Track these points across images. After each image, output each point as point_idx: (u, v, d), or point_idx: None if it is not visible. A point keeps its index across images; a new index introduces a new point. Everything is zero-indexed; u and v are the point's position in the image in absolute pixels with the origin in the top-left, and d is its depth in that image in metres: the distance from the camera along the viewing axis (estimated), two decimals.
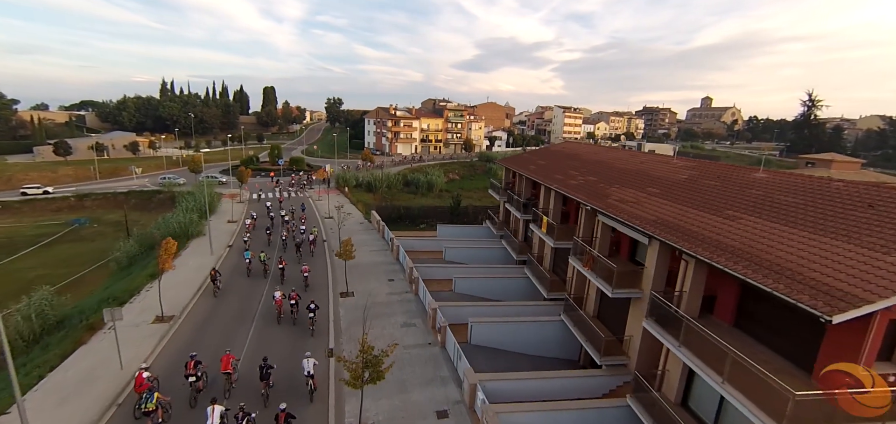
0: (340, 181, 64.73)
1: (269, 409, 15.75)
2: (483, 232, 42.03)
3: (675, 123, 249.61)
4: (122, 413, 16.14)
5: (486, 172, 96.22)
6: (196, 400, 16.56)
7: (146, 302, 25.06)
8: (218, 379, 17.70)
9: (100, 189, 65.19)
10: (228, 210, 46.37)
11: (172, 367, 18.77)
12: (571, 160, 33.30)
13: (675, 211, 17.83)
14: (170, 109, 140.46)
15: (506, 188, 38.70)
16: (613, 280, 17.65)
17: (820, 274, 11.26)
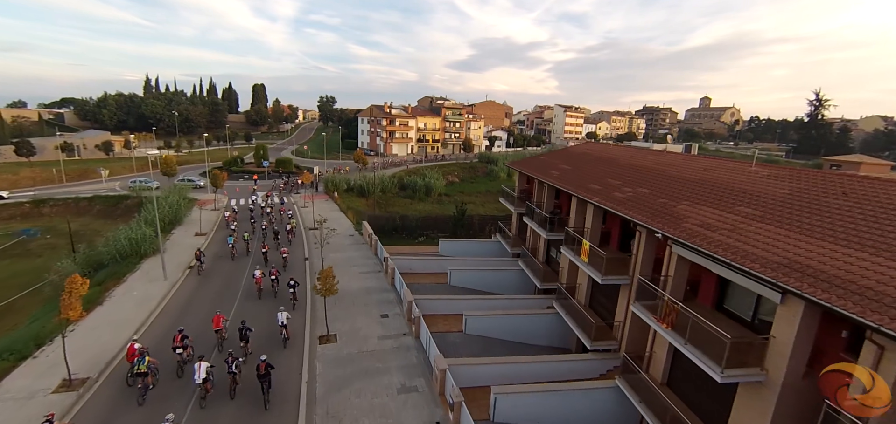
0: (330, 185, 58.56)
1: (249, 365, 17.52)
2: (493, 249, 36.14)
3: (675, 123, 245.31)
4: (115, 378, 17.51)
5: (488, 174, 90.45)
6: (182, 371, 17.81)
7: (58, 356, 18.90)
8: (205, 345, 19.64)
9: (61, 194, 58.57)
10: (199, 219, 40.08)
11: (160, 344, 19.55)
12: (605, 165, 27.46)
13: (807, 247, 11.96)
14: (153, 107, 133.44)
15: (521, 197, 32.78)
16: (724, 357, 11.69)
17: None
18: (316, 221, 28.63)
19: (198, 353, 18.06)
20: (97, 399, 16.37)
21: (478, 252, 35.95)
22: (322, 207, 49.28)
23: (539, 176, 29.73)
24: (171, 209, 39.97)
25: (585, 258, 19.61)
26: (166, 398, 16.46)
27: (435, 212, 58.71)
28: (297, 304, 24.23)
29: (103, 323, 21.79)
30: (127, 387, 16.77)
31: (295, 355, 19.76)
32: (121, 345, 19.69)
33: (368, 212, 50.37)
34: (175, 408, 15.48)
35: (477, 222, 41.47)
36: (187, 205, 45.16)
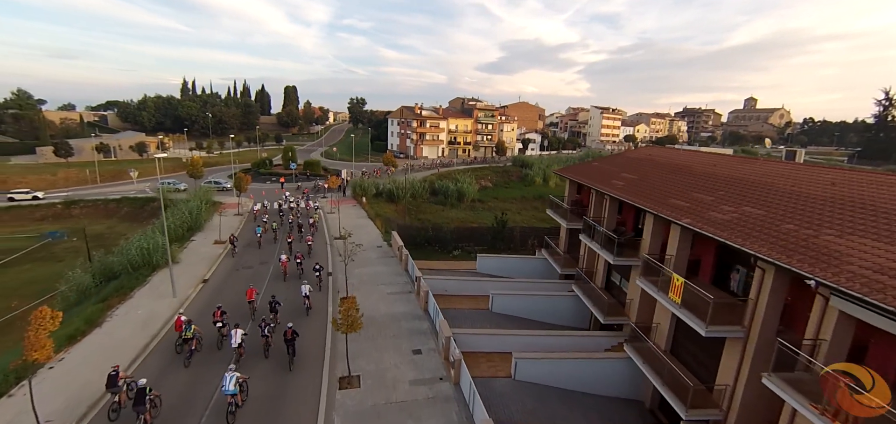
0: (358, 189, 55.60)
1: (278, 332, 19.93)
2: (539, 268, 31.84)
3: (719, 125, 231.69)
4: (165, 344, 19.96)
5: (522, 179, 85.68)
6: (222, 342, 19.62)
7: (37, 395, 16.07)
8: (239, 317, 21.58)
9: (92, 195, 58.28)
10: (219, 226, 37.67)
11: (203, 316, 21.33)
12: (681, 175, 22.75)
13: None
14: (189, 109, 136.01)
15: (574, 210, 28.34)
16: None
17: None
18: (341, 232, 25.30)
19: (235, 312, 21.83)
20: (152, 360, 18.84)
21: (521, 271, 31.73)
22: (349, 213, 46.29)
23: (599, 186, 25.26)
24: (190, 215, 37.71)
25: (677, 298, 15.13)
26: (208, 362, 18.60)
27: (468, 220, 54.79)
28: (321, 286, 26.61)
29: (96, 351, 18.98)
30: (176, 354, 19.08)
31: (317, 320, 22.79)
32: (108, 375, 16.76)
33: (398, 220, 46.94)
34: (215, 370, 17.50)
35: (518, 235, 37.17)
36: (209, 210, 43.01)
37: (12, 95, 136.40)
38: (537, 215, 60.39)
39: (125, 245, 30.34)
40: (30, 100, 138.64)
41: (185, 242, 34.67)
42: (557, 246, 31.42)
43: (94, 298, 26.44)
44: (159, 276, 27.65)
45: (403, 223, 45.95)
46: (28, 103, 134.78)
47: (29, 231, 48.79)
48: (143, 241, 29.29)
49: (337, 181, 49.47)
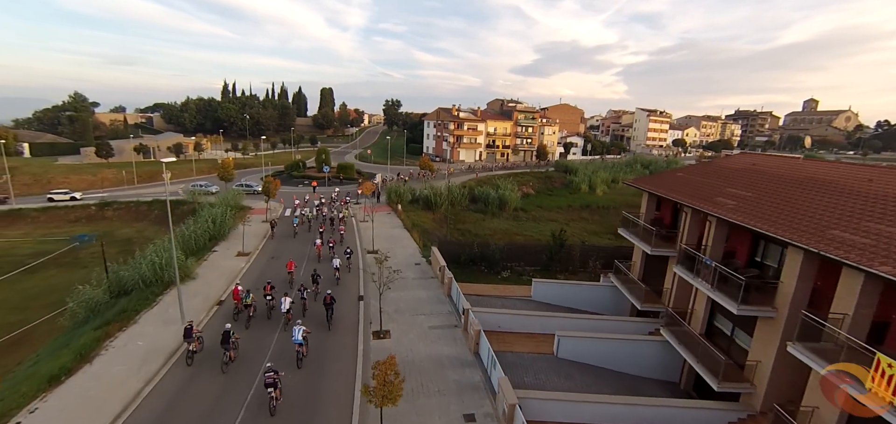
0: (393, 195, 51.70)
1: (318, 300, 23.67)
2: (606, 298, 26.56)
3: (776, 129, 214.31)
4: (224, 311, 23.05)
5: (566, 186, 79.57)
6: (271, 313, 22.52)
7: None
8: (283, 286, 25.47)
9: (125, 197, 57.37)
10: (248, 233, 34.48)
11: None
12: (817, 193, 17.00)
13: None
14: (228, 111, 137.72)
15: (660, 233, 22.85)
16: None
17: None
18: (375, 258, 21.18)
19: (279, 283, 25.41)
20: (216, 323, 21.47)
21: (585, 301, 26.51)
22: (383, 221, 42.35)
23: (699, 204, 19.75)
24: (213, 223, 34.75)
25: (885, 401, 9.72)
26: (263, 327, 21.47)
27: (512, 231, 49.74)
28: (350, 268, 29.91)
29: (77, 401, 15.51)
30: (234, 319, 21.64)
31: (347, 288, 26.71)
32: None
33: (437, 233, 42.55)
34: (268, 332, 20.87)
35: (577, 254, 31.81)
36: (235, 217, 40.10)
37: (69, 98, 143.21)
38: (587, 227, 54.59)
39: (138, 257, 27.32)
40: (84, 102, 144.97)
41: (205, 253, 31.61)
42: (630, 271, 25.98)
43: (97, 320, 23.38)
44: (171, 295, 24.35)
45: (444, 236, 41.51)
46: (82, 106, 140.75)
47: (62, 233, 47.88)
48: (155, 255, 26.17)
49: (371, 187, 45.71)
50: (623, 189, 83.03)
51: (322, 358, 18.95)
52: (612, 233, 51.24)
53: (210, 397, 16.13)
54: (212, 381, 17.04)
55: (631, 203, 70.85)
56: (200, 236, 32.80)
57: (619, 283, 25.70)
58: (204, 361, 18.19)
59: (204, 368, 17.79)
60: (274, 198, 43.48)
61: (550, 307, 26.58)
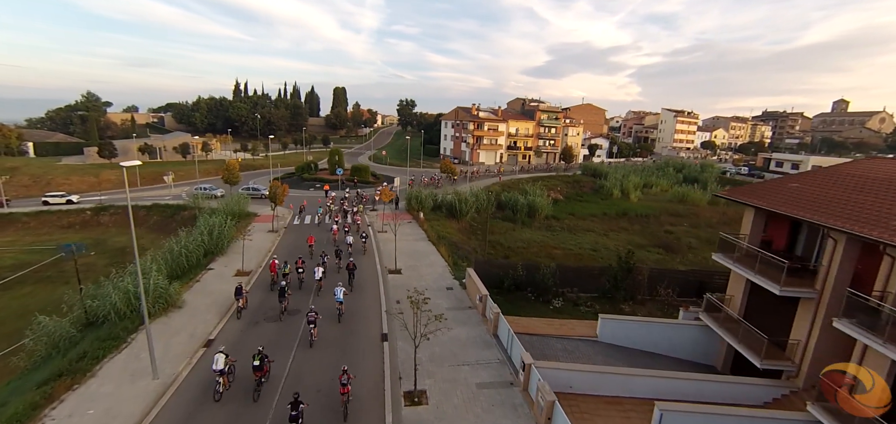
0: (413, 202, 46.42)
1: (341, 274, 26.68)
2: (693, 340, 20.86)
3: (808, 130, 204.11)
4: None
5: (596, 191, 73.55)
6: (302, 284, 25.47)
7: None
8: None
9: (124, 200, 53.04)
10: (242, 251, 29.49)
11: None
12: None
13: None
14: (239, 110, 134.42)
15: (790, 264, 16.98)
16: None
17: None
18: (413, 303, 15.60)
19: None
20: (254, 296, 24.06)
21: (667, 343, 20.86)
22: (404, 232, 37.09)
23: (872, 233, 13.95)
24: (210, 235, 29.82)
25: None
26: (296, 295, 24.24)
27: (548, 243, 44.05)
28: (365, 250, 32.65)
29: None
30: (270, 291, 24.70)
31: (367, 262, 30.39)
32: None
33: (465, 246, 37.13)
34: (304, 299, 24.01)
35: (646, 279, 25.99)
36: (237, 227, 35.16)
37: (82, 98, 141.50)
38: (630, 239, 48.59)
39: (111, 281, 22.34)
40: (97, 102, 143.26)
41: (198, 272, 26.64)
42: (725, 305, 20.19)
43: (57, 362, 18.39)
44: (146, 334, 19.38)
45: (473, 250, 36.10)
46: (94, 105, 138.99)
47: (52, 240, 43.67)
48: (132, 283, 21.14)
49: (391, 194, 40.36)
50: (658, 194, 76.73)
51: (354, 316, 22.27)
52: (660, 247, 45.28)
53: (268, 338, 19.27)
54: (267, 327, 20.91)
55: (671, 210, 64.68)
56: (193, 251, 27.86)
57: (714, 324, 19.91)
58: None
59: (257, 325, 21.10)
60: (282, 205, 38.48)
61: (623, 351, 20.95)
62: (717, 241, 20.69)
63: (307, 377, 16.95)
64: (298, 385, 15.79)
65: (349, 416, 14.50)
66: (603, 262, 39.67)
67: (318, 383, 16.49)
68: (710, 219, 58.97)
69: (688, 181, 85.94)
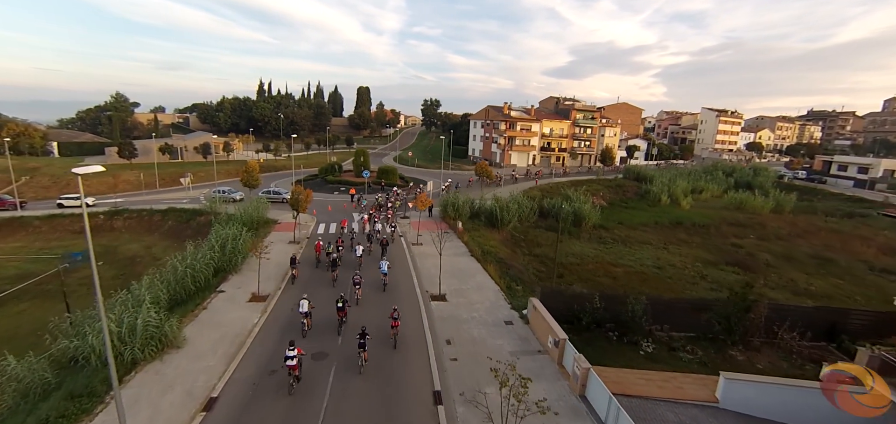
0: (449, 209, 41.53)
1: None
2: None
3: (859, 131, 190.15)
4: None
5: (641, 197, 67.18)
6: (340, 260, 27.43)
7: None
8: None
9: (140, 203, 50.02)
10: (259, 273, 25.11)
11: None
12: None
13: None
14: (262, 110, 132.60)
15: None
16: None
17: None
18: (502, 382, 10.55)
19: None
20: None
21: (811, 415, 15.16)
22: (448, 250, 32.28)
23: None
24: (221, 249, 25.58)
25: None
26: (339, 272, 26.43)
27: (603, 258, 38.44)
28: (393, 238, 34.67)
29: None
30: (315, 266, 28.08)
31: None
32: None
33: (515, 264, 31.88)
34: (346, 274, 25.89)
35: (762, 318, 20.17)
36: (251, 242, 30.87)
37: (111, 98, 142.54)
38: (694, 253, 42.51)
39: (86, 321, 17.99)
40: (125, 103, 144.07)
41: (206, 296, 22.32)
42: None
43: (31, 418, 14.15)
44: (134, 385, 14.99)
45: (532, 271, 30.92)
46: (122, 106, 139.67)
47: (62, 247, 40.59)
48: (116, 320, 16.71)
49: (428, 201, 35.37)
50: (711, 201, 69.75)
51: (392, 284, 25.43)
52: (733, 265, 39.01)
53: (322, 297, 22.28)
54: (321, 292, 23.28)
55: (729, 219, 57.81)
56: (201, 270, 23.57)
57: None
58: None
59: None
60: (304, 212, 34.18)
61: (752, 422, 15.44)
62: (799, 258, 14.99)
63: (361, 322, 19.37)
64: (355, 328, 18.49)
65: (398, 346, 18.68)
66: (672, 282, 34.06)
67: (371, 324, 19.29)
68: (779, 230, 52.04)
69: (740, 186, 78.46)
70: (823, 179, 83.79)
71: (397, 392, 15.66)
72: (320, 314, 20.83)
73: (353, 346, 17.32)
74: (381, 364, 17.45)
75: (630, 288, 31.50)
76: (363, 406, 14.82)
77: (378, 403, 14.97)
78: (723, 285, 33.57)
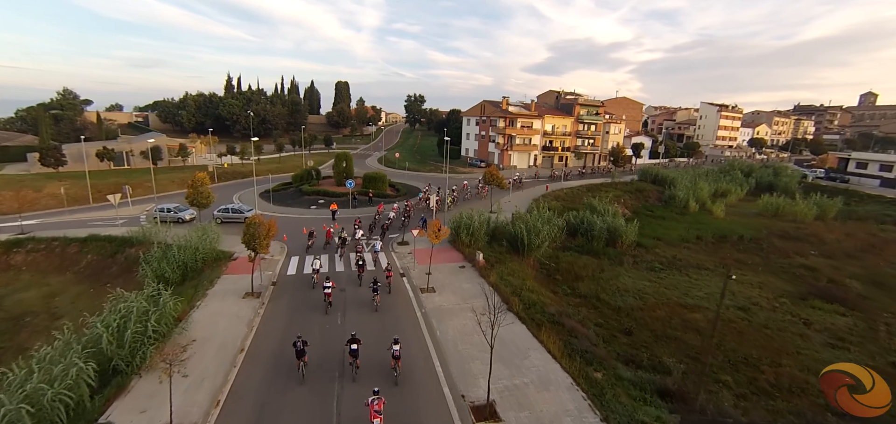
0: (463, 233, 31.88)
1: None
2: None
3: (847, 125, 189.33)
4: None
5: (665, 203, 59.19)
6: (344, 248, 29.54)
7: None
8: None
9: (55, 227, 38.71)
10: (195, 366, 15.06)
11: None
12: None
13: None
14: (230, 108, 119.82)
15: None
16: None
17: None
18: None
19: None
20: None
21: None
22: (463, 290, 22.83)
23: None
24: (119, 340, 15.32)
25: None
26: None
27: (668, 297, 29.51)
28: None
29: None
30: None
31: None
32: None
33: (573, 323, 22.43)
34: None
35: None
36: (180, 310, 20.65)
37: (58, 95, 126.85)
38: (767, 284, 34.22)
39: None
40: (75, 100, 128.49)
41: (118, 393, 12.16)
42: None
43: None
44: None
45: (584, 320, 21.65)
46: (71, 103, 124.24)
47: None
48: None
49: (444, 232, 25.39)
50: (739, 206, 62.30)
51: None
52: (820, 297, 30.70)
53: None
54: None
55: (775, 229, 49.72)
56: (73, 386, 13.22)
57: None
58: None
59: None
60: (266, 252, 23.92)
61: None
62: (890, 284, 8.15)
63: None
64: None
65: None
66: (772, 335, 25.34)
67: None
68: (840, 244, 44.43)
69: (761, 188, 71.63)
70: (845, 178, 77.83)
71: None
72: None
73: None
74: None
75: (729, 350, 22.75)
76: None
77: None
78: (835, 335, 25.23)
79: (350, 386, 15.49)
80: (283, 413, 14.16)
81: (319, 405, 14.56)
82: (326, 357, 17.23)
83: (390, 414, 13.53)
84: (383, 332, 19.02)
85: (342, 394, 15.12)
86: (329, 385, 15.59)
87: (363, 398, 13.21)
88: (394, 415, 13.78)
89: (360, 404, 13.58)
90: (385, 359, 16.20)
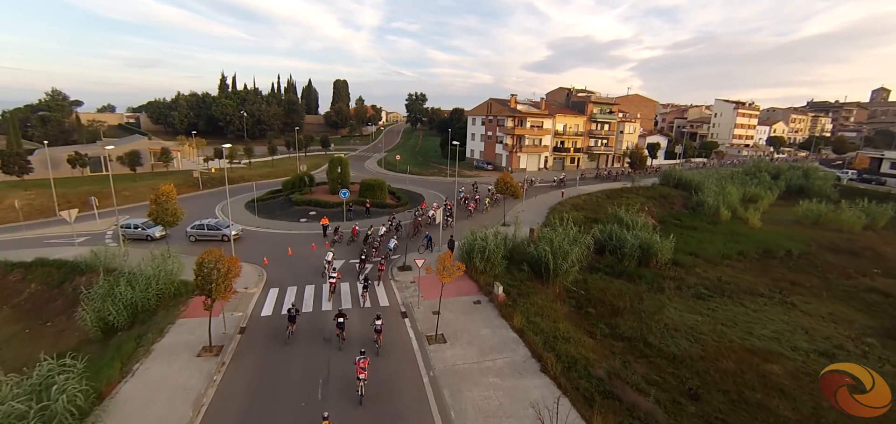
0: (476, 257, 26.57)
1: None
2: None
3: (863, 122, 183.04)
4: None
5: (692, 210, 53.78)
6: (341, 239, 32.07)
7: None
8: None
9: (3, 247, 33.55)
10: None
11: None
12: None
13: None
14: (224, 108, 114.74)
15: None
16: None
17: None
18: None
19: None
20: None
21: None
22: (480, 337, 17.59)
23: None
24: None
25: None
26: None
27: (725, 335, 24.18)
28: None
29: None
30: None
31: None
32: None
33: (638, 405, 17.14)
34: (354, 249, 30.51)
35: None
36: (140, 350, 15.48)
37: (46, 96, 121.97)
38: (838, 314, 28.89)
39: None
40: (64, 101, 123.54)
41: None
42: None
43: None
44: None
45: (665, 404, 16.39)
46: (60, 105, 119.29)
47: None
48: None
49: (459, 268, 19.91)
50: (773, 213, 56.76)
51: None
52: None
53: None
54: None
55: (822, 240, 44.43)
56: None
57: None
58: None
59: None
60: (226, 300, 18.46)
61: None
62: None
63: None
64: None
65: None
66: None
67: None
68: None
69: (791, 192, 66.26)
70: (882, 180, 72.19)
71: None
72: None
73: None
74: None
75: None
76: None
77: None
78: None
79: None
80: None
81: None
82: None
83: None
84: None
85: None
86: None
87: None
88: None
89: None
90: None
